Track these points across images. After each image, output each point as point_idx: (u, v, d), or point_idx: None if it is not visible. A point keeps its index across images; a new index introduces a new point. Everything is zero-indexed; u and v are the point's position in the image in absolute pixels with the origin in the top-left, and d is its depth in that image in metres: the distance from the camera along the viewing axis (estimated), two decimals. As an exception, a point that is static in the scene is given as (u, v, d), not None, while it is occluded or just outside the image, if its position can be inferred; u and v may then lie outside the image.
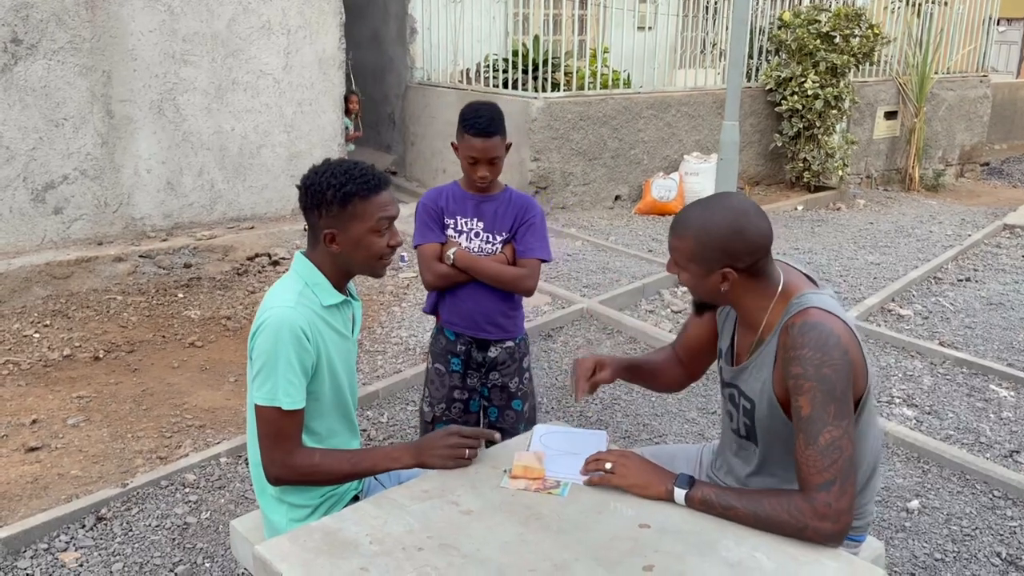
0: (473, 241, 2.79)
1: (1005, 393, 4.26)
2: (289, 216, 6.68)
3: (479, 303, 2.79)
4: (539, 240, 2.80)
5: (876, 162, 9.69)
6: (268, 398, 1.91)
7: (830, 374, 1.72)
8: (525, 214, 2.79)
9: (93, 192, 5.76)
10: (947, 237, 7.32)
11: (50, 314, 4.93)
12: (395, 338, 4.75)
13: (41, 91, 5.45)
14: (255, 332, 1.95)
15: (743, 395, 1.95)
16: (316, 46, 6.59)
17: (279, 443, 1.94)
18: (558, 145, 7.26)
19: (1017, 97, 13.46)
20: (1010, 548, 3.02)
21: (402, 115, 8.74)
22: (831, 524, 1.67)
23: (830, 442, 1.70)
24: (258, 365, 1.92)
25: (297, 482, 2.00)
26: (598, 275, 5.79)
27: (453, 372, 2.88)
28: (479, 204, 2.78)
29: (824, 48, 8.14)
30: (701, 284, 1.88)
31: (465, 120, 2.66)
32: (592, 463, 1.92)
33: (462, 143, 2.69)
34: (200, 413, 3.90)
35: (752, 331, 1.93)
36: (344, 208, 1.97)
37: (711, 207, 1.86)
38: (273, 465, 1.95)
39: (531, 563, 1.63)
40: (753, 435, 1.96)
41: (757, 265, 1.84)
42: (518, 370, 2.90)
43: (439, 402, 2.90)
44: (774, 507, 1.71)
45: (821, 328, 1.75)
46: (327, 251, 2.01)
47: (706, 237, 1.82)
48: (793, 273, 1.94)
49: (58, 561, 2.83)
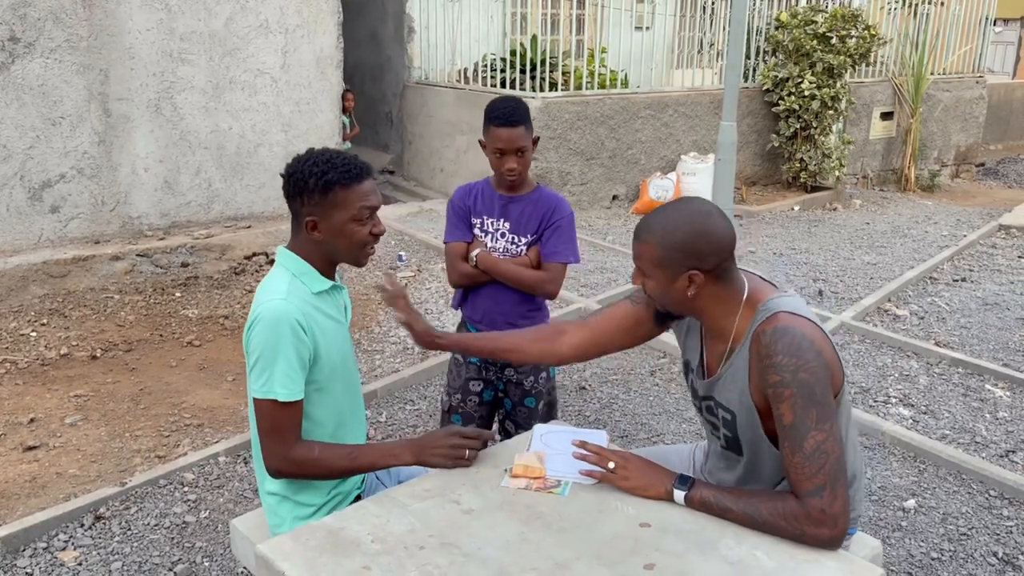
0: (499, 242, 2.79)
1: (1001, 393, 4.27)
2: (287, 215, 6.67)
3: (499, 303, 2.80)
4: (565, 243, 2.78)
5: (872, 162, 9.72)
6: (265, 391, 1.91)
7: (807, 378, 1.72)
8: (552, 216, 2.77)
9: (90, 191, 5.75)
10: (943, 237, 7.34)
11: (47, 313, 4.93)
12: (393, 337, 4.75)
13: (38, 89, 5.44)
14: (250, 327, 1.95)
15: (720, 406, 1.94)
16: (314, 45, 6.59)
17: (278, 435, 1.94)
18: (556, 145, 7.27)
19: (1013, 98, 13.51)
20: (1007, 548, 3.04)
21: (400, 114, 8.74)
22: (828, 530, 1.67)
23: (815, 447, 1.70)
24: (254, 359, 1.92)
25: (296, 475, 2.00)
26: (596, 275, 5.80)
27: (470, 364, 2.90)
28: (506, 205, 2.78)
29: (821, 49, 8.16)
30: (667, 290, 1.86)
31: (490, 113, 2.68)
32: (595, 458, 1.92)
33: (489, 137, 2.69)
34: (198, 412, 3.90)
35: (721, 341, 1.91)
36: (325, 196, 1.98)
37: (673, 211, 1.86)
38: (273, 457, 1.95)
39: (532, 562, 1.64)
40: (736, 446, 1.96)
41: (722, 267, 1.83)
42: (534, 369, 2.90)
43: (456, 392, 2.93)
44: (771, 512, 1.71)
45: (793, 332, 1.75)
46: (310, 239, 2.03)
47: (670, 240, 1.81)
48: (755, 279, 1.93)
49: (57, 560, 2.83)
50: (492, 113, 2.67)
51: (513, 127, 2.64)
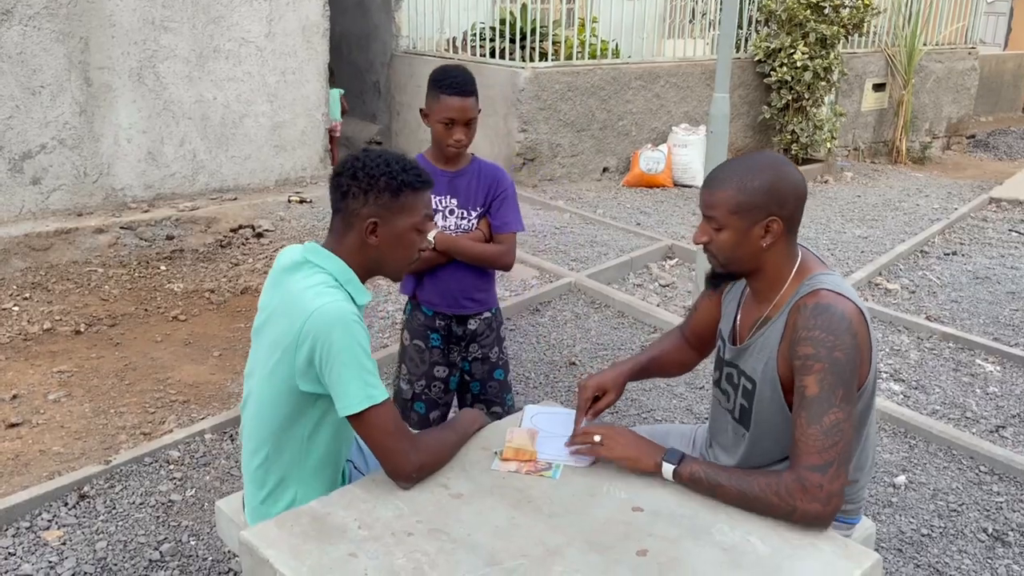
0: (448, 219, 2.74)
1: (991, 368, 4.27)
2: (272, 187, 6.59)
3: (459, 281, 2.76)
4: (513, 212, 2.77)
5: (864, 134, 9.66)
6: (364, 399, 1.74)
7: (841, 358, 1.70)
8: (497, 187, 2.75)
9: (72, 162, 5.64)
10: (934, 211, 7.32)
11: (29, 287, 4.85)
12: (381, 312, 4.70)
13: (17, 58, 5.32)
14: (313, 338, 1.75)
15: (743, 375, 1.92)
16: (299, 13, 6.46)
17: (402, 435, 1.78)
18: (546, 116, 7.18)
19: (1004, 69, 13.45)
20: (996, 523, 3.04)
21: (387, 84, 8.62)
22: (821, 505, 1.65)
23: (834, 424, 1.68)
24: (334, 369, 1.74)
25: (433, 465, 1.84)
26: (586, 248, 5.75)
27: (434, 348, 2.84)
28: (452, 180, 2.73)
29: (814, 19, 8.06)
30: (742, 241, 1.82)
31: (439, 81, 2.60)
32: (581, 436, 1.90)
33: (437, 105, 2.60)
34: (184, 388, 3.85)
35: (760, 308, 1.90)
36: (396, 198, 1.87)
37: (747, 160, 1.85)
38: (408, 460, 1.77)
39: (523, 548, 1.61)
40: (747, 419, 1.94)
41: (796, 217, 1.83)
42: (496, 339, 2.89)
43: (418, 379, 2.86)
44: (763, 487, 1.69)
45: (833, 310, 1.73)
46: (362, 243, 1.88)
47: (751, 184, 1.79)
48: (808, 253, 1.92)
49: (40, 539, 2.79)
50: (443, 81, 2.59)
51: (465, 97, 2.58)
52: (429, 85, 2.63)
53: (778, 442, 1.87)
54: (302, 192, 6.48)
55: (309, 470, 1.94)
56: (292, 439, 1.90)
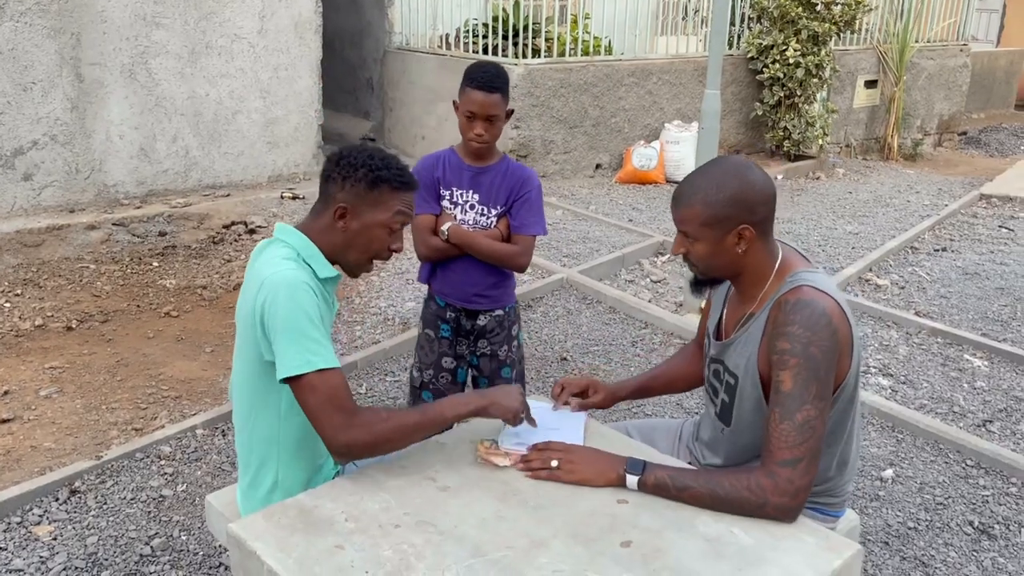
0: (468, 214, 2.75)
1: (979, 363, 4.30)
2: (265, 184, 6.59)
3: (470, 276, 2.77)
4: (534, 215, 2.76)
5: (856, 131, 9.69)
6: (302, 364, 1.73)
7: (816, 353, 1.71)
8: (522, 188, 2.74)
9: (64, 158, 5.64)
10: (924, 207, 7.35)
11: (21, 283, 4.85)
12: (374, 308, 4.71)
13: (8, 54, 5.31)
14: (259, 301, 1.78)
15: (727, 371, 1.94)
16: (292, 9, 6.46)
17: (336, 406, 1.74)
18: (539, 113, 7.19)
19: (996, 66, 13.48)
20: (982, 517, 3.07)
21: (380, 81, 8.61)
22: (789, 499, 1.67)
23: (805, 420, 1.69)
24: (277, 334, 1.75)
25: (369, 444, 1.76)
26: (578, 244, 5.77)
27: (443, 338, 2.87)
28: (476, 175, 2.74)
29: (806, 16, 8.08)
30: (717, 251, 1.84)
31: (469, 75, 2.62)
32: (536, 460, 1.84)
33: (463, 98, 2.63)
34: (176, 384, 3.86)
35: (744, 305, 1.92)
36: (370, 190, 1.91)
37: (711, 171, 1.85)
38: (340, 432, 1.73)
39: (508, 540, 1.62)
40: (727, 415, 1.95)
41: (768, 220, 1.85)
42: (507, 338, 2.88)
43: (427, 368, 2.89)
44: (734, 484, 1.69)
45: (813, 306, 1.74)
46: (331, 226, 1.93)
47: (716, 197, 1.80)
48: (789, 250, 1.94)
49: (31, 535, 2.80)
50: (472, 75, 2.62)
51: (489, 93, 2.59)
52: (463, 78, 2.65)
53: (758, 438, 1.88)
54: (295, 188, 6.48)
55: (289, 451, 1.95)
56: (267, 416, 1.92)
